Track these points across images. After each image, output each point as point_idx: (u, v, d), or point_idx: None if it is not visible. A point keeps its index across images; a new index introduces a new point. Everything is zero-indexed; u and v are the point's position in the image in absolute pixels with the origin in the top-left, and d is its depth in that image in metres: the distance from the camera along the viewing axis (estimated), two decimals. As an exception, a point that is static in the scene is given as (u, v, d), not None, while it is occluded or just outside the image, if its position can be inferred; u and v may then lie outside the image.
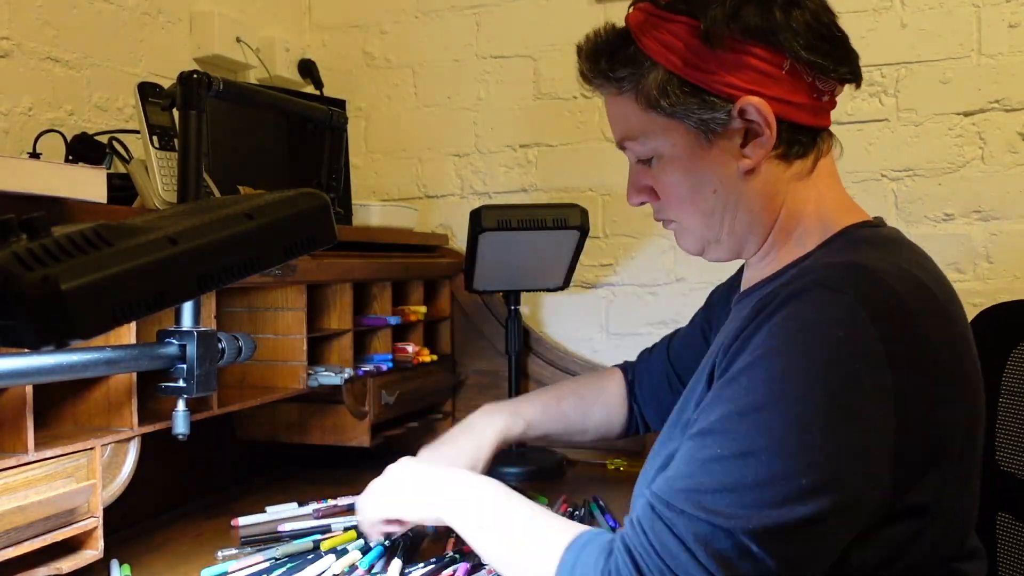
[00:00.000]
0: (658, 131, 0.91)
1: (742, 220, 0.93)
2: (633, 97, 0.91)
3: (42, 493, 0.96)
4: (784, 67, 0.86)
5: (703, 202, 0.93)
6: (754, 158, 0.89)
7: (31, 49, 1.40)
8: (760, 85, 0.86)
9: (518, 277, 1.68)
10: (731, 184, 0.91)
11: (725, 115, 0.87)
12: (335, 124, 1.36)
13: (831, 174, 0.95)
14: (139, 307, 0.58)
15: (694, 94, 0.88)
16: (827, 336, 0.76)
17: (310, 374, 1.42)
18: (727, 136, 0.89)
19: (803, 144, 0.91)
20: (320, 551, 1.21)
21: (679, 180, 0.93)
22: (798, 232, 0.93)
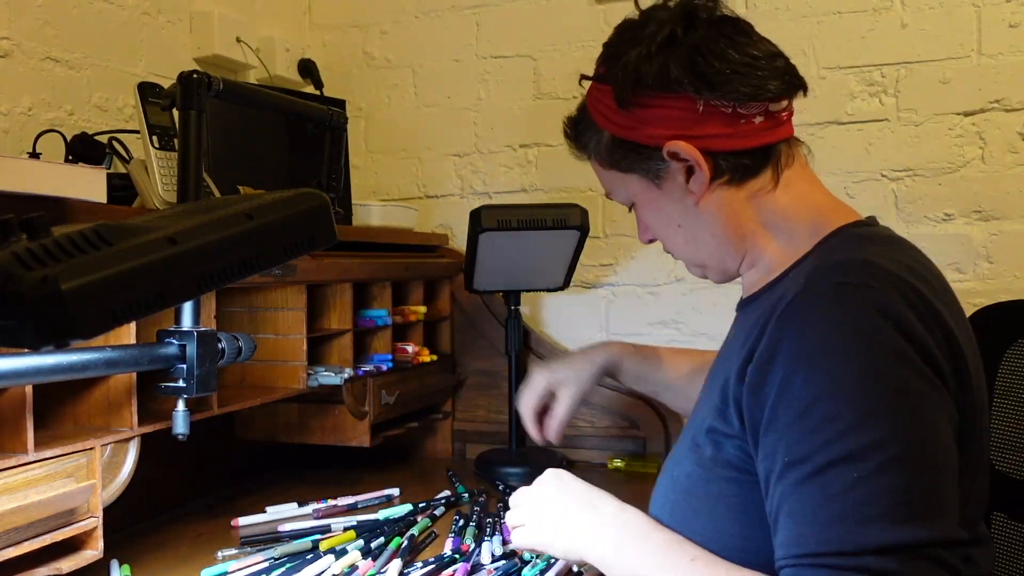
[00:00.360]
0: (620, 184, 1.03)
1: (710, 245, 1.00)
2: (597, 160, 1.04)
3: (42, 493, 0.96)
4: (698, 107, 0.92)
5: (675, 236, 1.02)
6: (697, 192, 0.96)
7: (31, 49, 1.40)
8: (681, 128, 0.93)
9: (518, 277, 1.68)
10: (690, 217, 0.99)
11: (660, 161, 0.96)
12: (335, 124, 1.36)
13: (803, 178, 0.98)
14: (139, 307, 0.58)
15: (632, 149, 0.97)
16: (885, 326, 0.78)
17: (310, 374, 1.42)
18: (671, 177, 0.97)
19: (748, 166, 0.95)
20: (319, 551, 1.21)
21: (652, 221, 1.04)
22: (781, 238, 0.96)
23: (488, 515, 1.36)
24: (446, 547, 1.23)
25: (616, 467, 1.70)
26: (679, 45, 0.93)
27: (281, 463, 1.73)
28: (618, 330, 1.85)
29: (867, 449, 0.75)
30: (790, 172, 0.97)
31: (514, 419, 1.71)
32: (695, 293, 1.79)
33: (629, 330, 1.84)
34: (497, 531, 1.27)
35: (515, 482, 1.60)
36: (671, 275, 1.82)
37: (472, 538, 1.26)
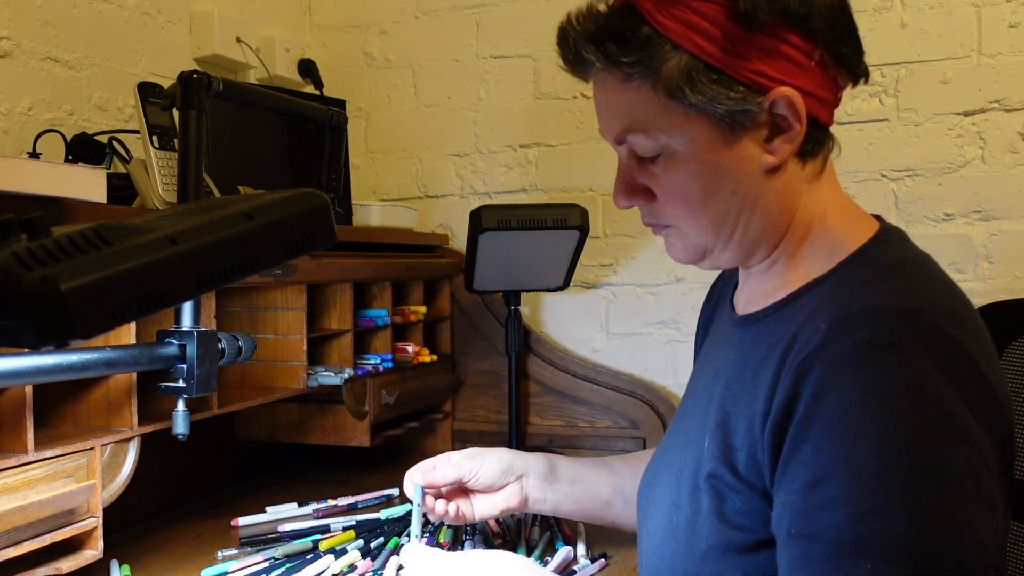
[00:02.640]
0: (675, 124, 0.81)
1: (756, 224, 0.85)
2: (649, 85, 0.80)
3: (42, 493, 0.96)
4: (815, 58, 0.79)
5: (717, 204, 0.83)
6: (780, 155, 0.81)
7: (31, 49, 1.40)
8: (792, 76, 0.79)
9: (518, 277, 1.68)
10: (752, 184, 0.83)
11: (755, 107, 0.79)
12: (335, 124, 1.36)
13: (833, 176, 0.90)
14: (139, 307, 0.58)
15: (724, 83, 0.78)
16: (913, 402, 0.70)
17: (310, 374, 1.42)
18: (753, 130, 0.81)
19: (817, 142, 0.84)
20: (319, 551, 1.21)
21: (690, 180, 0.83)
22: (808, 241, 0.87)
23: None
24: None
25: (616, 467, 1.70)
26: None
27: (281, 463, 1.73)
28: (618, 330, 1.85)
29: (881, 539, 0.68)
30: (830, 162, 0.88)
31: (514, 419, 1.71)
32: (695, 293, 1.79)
33: (629, 330, 1.84)
34: (477, 531, 1.28)
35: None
36: (671, 275, 1.82)
37: (449, 537, 1.27)
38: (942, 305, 0.77)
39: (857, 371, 0.71)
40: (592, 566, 1.18)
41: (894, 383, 0.70)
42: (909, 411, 0.70)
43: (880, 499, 0.68)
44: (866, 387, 0.70)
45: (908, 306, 0.75)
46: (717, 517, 0.82)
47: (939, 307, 0.76)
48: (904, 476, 0.68)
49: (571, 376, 1.81)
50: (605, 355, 1.86)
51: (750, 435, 0.79)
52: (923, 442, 0.69)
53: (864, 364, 0.71)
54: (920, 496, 0.68)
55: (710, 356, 0.98)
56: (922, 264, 0.84)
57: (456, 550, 1.21)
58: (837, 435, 0.71)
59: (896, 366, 0.71)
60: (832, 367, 0.72)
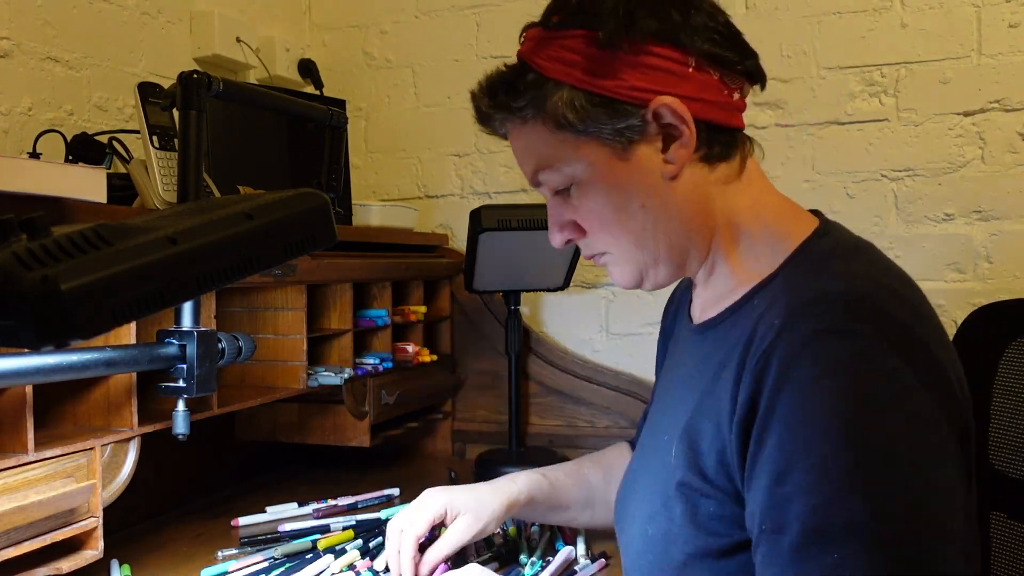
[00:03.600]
0: (571, 152, 0.86)
1: (677, 232, 0.87)
2: (540, 122, 0.87)
3: (42, 493, 0.96)
4: (690, 65, 0.83)
5: (631, 220, 0.87)
6: (677, 161, 0.84)
7: (31, 49, 1.40)
8: (670, 85, 0.82)
9: (518, 277, 1.68)
10: (658, 194, 0.85)
11: (639, 120, 0.83)
12: (335, 124, 1.36)
13: (761, 176, 0.91)
14: (139, 307, 0.58)
15: (603, 104, 0.83)
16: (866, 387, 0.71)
17: (310, 374, 1.42)
18: (645, 143, 0.84)
19: (723, 145, 0.86)
20: (319, 551, 1.21)
21: (602, 202, 0.87)
22: (744, 242, 0.88)
23: None
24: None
25: (616, 467, 1.70)
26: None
27: (281, 463, 1.73)
28: (618, 330, 1.85)
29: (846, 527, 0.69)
30: (750, 164, 0.89)
31: (514, 419, 1.71)
32: (695, 293, 1.79)
33: (629, 330, 1.84)
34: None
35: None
36: (671, 275, 1.81)
37: None
38: (886, 286, 0.78)
39: (811, 360, 0.72)
40: (592, 566, 1.18)
41: (847, 368, 0.72)
42: (863, 395, 0.71)
43: (841, 486, 0.69)
44: (820, 374, 0.72)
45: (853, 290, 0.77)
46: (692, 525, 0.82)
47: (883, 288, 0.78)
48: (862, 461, 0.69)
49: (571, 376, 1.81)
50: (605, 355, 1.86)
51: (718, 438, 0.80)
52: (879, 426, 0.70)
53: (817, 352, 0.73)
54: (879, 480, 0.69)
55: (672, 367, 0.99)
56: (863, 250, 0.86)
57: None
58: (796, 426, 0.72)
59: (848, 350, 0.72)
60: (788, 359, 0.73)
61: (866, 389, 0.71)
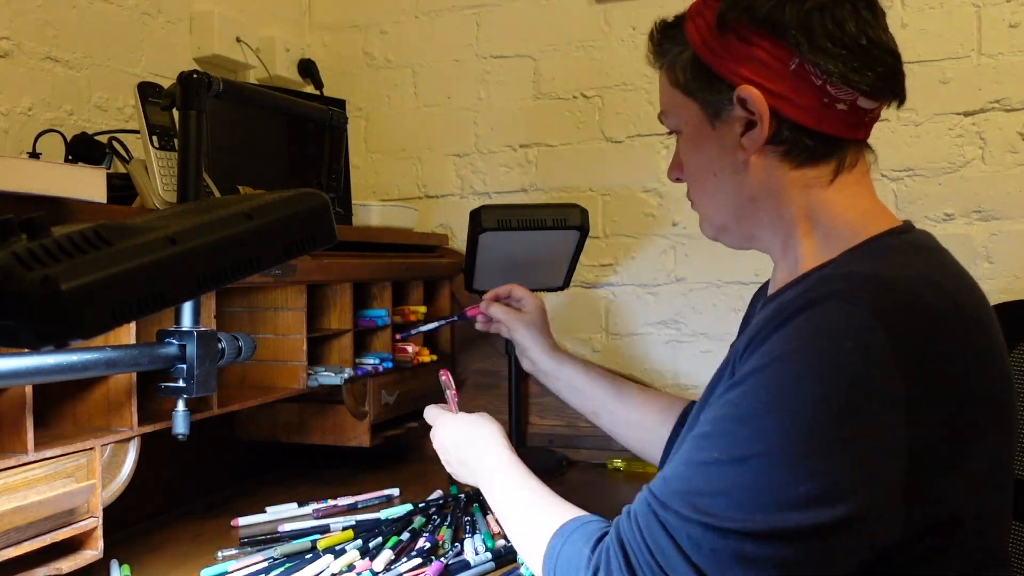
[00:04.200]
0: (679, 106, 0.96)
1: (744, 208, 0.94)
2: (667, 72, 0.97)
3: (42, 493, 0.96)
4: (791, 64, 0.86)
5: (707, 182, 0.96)
6: (748, 148, 0.90)
7: (31, 49, 1.40)
8: (763, 78, 0.87)
9: (518, 277, 1.68)
10: (730, 172, 0.93)
11: (728, 101, 0.89)
12: (335, 124, 1.36)
13: (861, 184, 0.93)
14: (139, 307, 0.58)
15: (705, 75, 0.91)
16: (835, 346, 0.75)
17: (310, 374, 1.42)
18: (729, 123, 0.91)
19: (810, 149, 0.89)
20: (318, 551, 1.21)
21: (689, 157, 0.98)
22: (819, 233, 0.92)
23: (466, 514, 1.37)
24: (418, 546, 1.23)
25: (616, 467, 1.70)
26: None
27: (281, 463, 1.73)
28: (618, 330, 1.85)
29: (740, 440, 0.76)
30: (848, 176, 0.92)
31: (514, 419, 1.71)
32: (695, 293, 1.79)
33: (629, 330, 1.84)
34: (477, 530, 1.29)
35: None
36: (671, 275, 1.82)
37: (449, 537, 1.27)
38: (933, 282, 0.81)
39: (806, 314, 0.78)
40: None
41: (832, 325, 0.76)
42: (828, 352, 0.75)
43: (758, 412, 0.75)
44: (807, 323, 0.77)
45: (890, 277, 0.80)
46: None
47: (928, 283, 0.80)
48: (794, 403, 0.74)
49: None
50: (605, 355, 1.86)
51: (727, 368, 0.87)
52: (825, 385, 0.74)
53: (818, 308, 0.78)
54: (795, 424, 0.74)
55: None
56: (934, 251, 0.90)
57: (454, 549, 1.21)
58: (763, 360, 0.78)
59: (842, 312, 0.76)
60: (792, 311, 0.79)
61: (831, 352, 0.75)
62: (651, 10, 1.79)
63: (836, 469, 0.73)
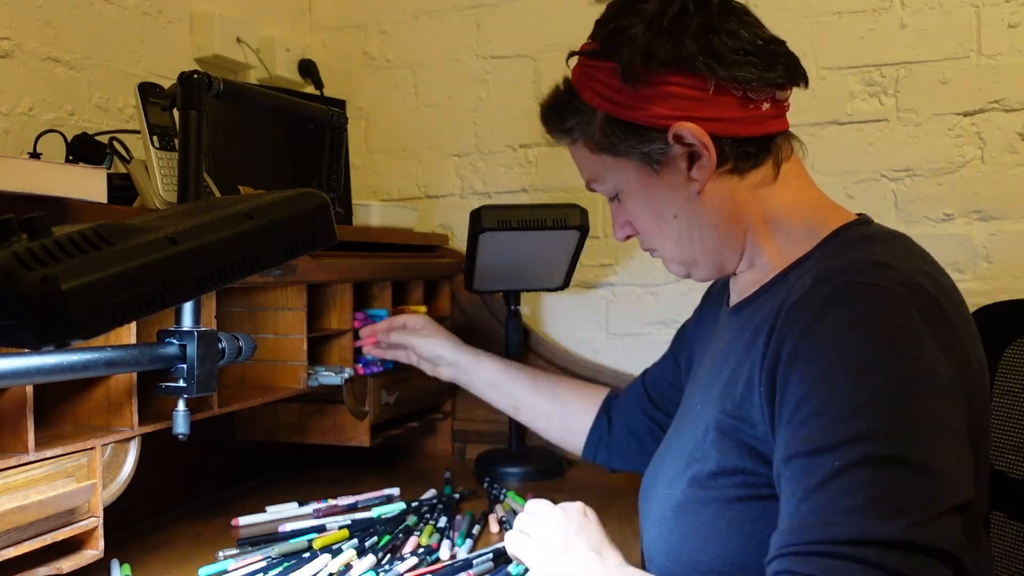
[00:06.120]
0: (609, 170, 0.97)
1: (710, 238, 0.96)
2: (583, 144, 0.98)
3: (42, 493, 0.96)
4: (709, 88, 0.89)
5: (668, 227, 0.97)
6: (700, 179, 0.92)
7: (31, 49, 1.40)
8: (689, 110, 0.89)
9: (518, 277, 1.69)
10: (688, 207, 0.94)
11: (663, 144, 0.91)
12: (335, 124, 1.36)
13: (800, 174, 0.97)
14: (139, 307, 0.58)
15: (630, 131, 0.92)
16: (889, 324, 0.76)
17: (310, 374, 1.42)
18: (672, 163, 0.93)
19: (752, 155, 0.93)
20: (316, 550, 1.21)
21: (642, 211, 0.98)
22: (780, 235, 0.94)
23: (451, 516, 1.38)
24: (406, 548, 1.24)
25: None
26: (690, 22, 0.89)
27: (281, 463, 1.73)
28: (618, 330, 1.85)
29: (852, 441, 0.72)
30: (788, 166, 0.95)
31: (514, 419, 1.71)
32: (695, 293, 1.79)
33: (629, 330, 1.84)
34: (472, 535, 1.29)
35: (515, 482, 1.60)
36: (671, 275, 1.81)
37: (435, 540, 1.27)
38: (916, 266, 0.84)
39: (840, 305, 0.78)
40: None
41: (872, 308, 0.77)
42: (883, 338, 0.75)
43: (852, 407, 0.73)
44: (847, 315, 0.77)
45: (882, 260, 0.82)
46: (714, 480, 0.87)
47: (912, 267, 0.83)
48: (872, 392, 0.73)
49: (571, 376, 1.81)
50: (605, 355, 1.86)
51: (747, 396, 0.84)
52: (893, 367, 0.74)
53: (847, 297, 0.78)
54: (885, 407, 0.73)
55: (709, 348, 1.05)
56: (900, 238, 0.92)
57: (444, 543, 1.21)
58: (818, 360, 0.76)
59: (876, 296, 0.77)
60: (817, 307, 0.79)
61: (887, 333, 0.75)
62: (651, 10, 1.79)
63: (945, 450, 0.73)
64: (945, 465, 0.73)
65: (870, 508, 0.70)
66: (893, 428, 0.72)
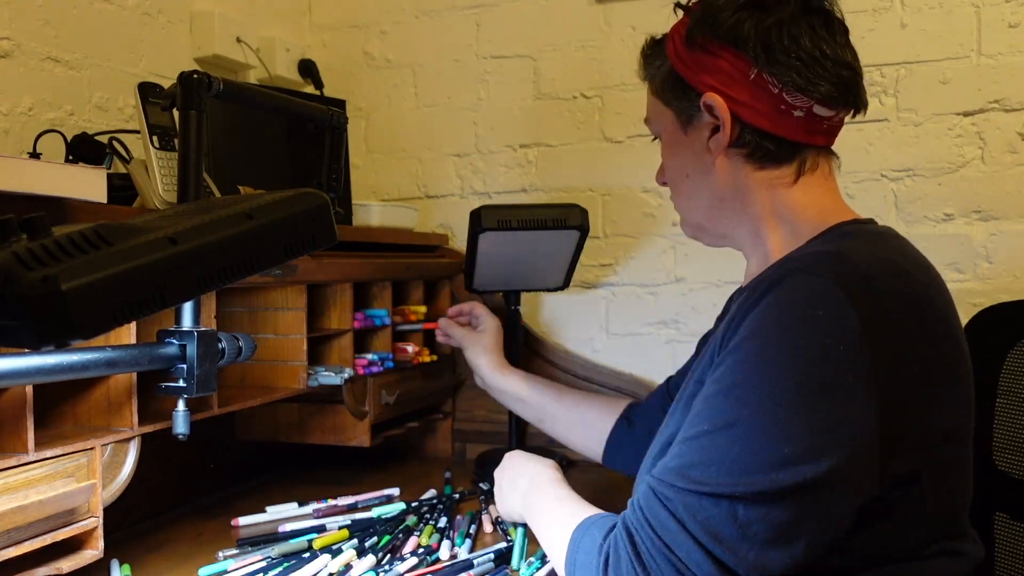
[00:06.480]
0: (658, 113, 1.07)
1: (715, 207, 1.03)
2: (651, 82, 1.08)
3: (42, 493, 0.96)
4: (751, 74, 0.95)
5: (682, 183, 1.06)
6: (714, 151, 1.00)
7: (31, 49, 1.40)
8: (726, 86, 0.96)
9: (518, 277, 1.68)
10: (701, 173, 1.02)
11: (696, 108, 0.99)
12: (335, 124, 1.36)
13: (824, 186, 1.01)
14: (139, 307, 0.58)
15: (678, 85, 1.01)
16: (806, 315, 0.81)
17: (310, 374, 1.42)
18: (699, 128, 1.01)
19: (771, 152, 0.98)
20: (316, 550, 1.21)
21: (668, 161, 1.08)
22: (785, 229, 1.00)
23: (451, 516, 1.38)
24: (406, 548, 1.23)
25: (616, 467, 1.70)
26: (765, 11, 0.96)
27: (281, 463, 1.73)
28: (618, 330, 1.85)
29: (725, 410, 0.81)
30: (811, 177, 1.00)
31: (514, 419, 1.71)
32: (695, 293, 1.79)
33: (629, 330, 1.84)
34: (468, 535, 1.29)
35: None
36: (671, 275, 1.82)
37: (435, 539, 1.27)
38: (888, 261, 0.87)
39: (778, 288, 0.84)
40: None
41: (800, 296, 0.82)
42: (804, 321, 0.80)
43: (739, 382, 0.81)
44: (776, 298, 0.83)
45: (842, 251, 0.86)
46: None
47: (882, 261, 0.86)
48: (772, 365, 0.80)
49: (571, 376, 1.81)
50: (605, 355, 1.86)
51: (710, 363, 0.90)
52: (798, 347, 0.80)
53: (785, 283, 0.84)
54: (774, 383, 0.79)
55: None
56: (889, 236, 0.96)
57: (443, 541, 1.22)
58: (742, 334, 0.84)
59: (806, 283, 0.83)
60: (766, 293, 0.85)
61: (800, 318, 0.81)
62: (651, 10, 1.79)
63: (813, 431, 0.78)
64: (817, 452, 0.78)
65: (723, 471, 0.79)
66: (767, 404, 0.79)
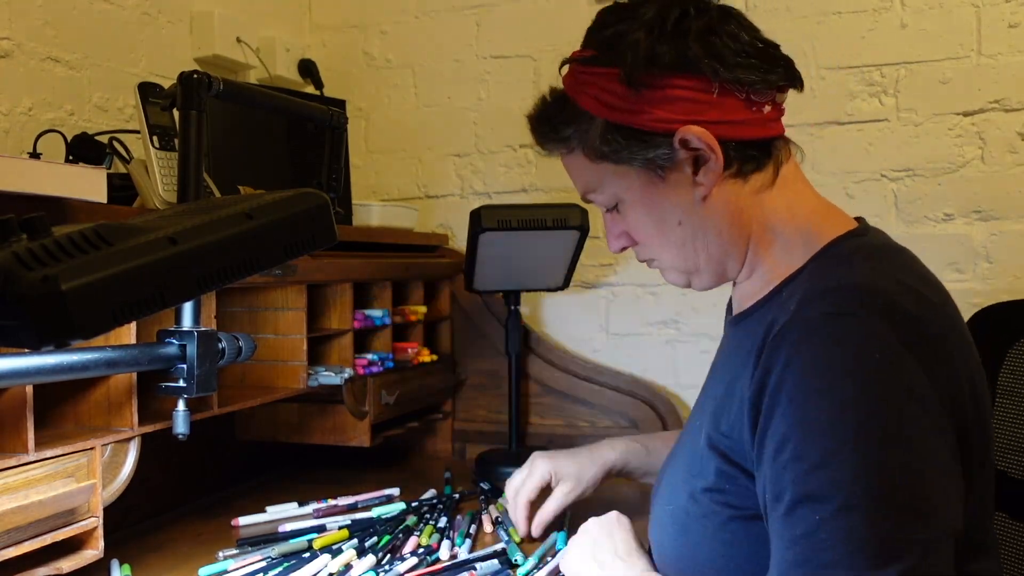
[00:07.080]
0: (611, 178, 0.94)
1: (714, 244, 0.94)
2: (582, 152, 0.95)
3: (42, 493, 0.96)
4: (713, 91, 0.88)
5: (671, 234, 0.95)
6: (707, 183, 0.91)
7: (31, 49, 1.40)
8: (694, 113, 0.88)
9: (518, 277, 1.68)
10: (693, 213, 0.93)
11: (668, 149, 0.89)
12: (335, 124, 1.35)
13: (797, 179, 0.95)
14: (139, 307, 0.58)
15: (633, 137, 0.90)
16: (867, 362, 0.75)
17: (310, 374, 1.42)
18: (677, 168, 0.91)
19: (756, 158, 0.92)
20: (316, 550, 1.21)
21: (644, 220, 0.96)
22: (779, 244, 0.93)
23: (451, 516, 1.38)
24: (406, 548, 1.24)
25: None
26: (691, 25, 0.89)
27: (281, 463, 1.73)
28: (618, 330, 1.85)
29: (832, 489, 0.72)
30: (785, 170, 0.94)
31: (514, 419, 1.71)
32: (695, 293, 1.78)
33: (629, 330, 1.84)
34: (468, 536, 1.29)
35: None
36: (671, 275, 1.81)
37: (430, 537, 1.28)
38: (905, 285, 0.82)
39: (818, 340, 0.77)
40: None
41: (849, 346, 0.76)
42: (860, 371, 0.74)
43: (830, 452, 0.73)
44: (823, 353, 0.76)
45: (868, 282, 0.81)
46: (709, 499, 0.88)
47: (901, 285, 0.82)
48: (852, 431, 0.73)
49: (571, 376, 1.81)
50: (605, 355, 1.86)
51: (738, 420, 0.84)
52: (873, 402, 0.74)
53: (824, 333, 0.77)
54: (868, 447, 0.72)
55: (715, 360, 1.04)
56: (895, 252, 0.91)
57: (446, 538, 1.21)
58: (798, 400, 0.76)
59: (852, 330, 0.76)
60: (797, 339, 0.78)
61: (865, 370, 0.74)
62: (651, 10, 1.79)
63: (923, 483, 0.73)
64: (932, 501, 0.72)
65: (857, 558, 0.70)
66: (873, 471, 0.72)
